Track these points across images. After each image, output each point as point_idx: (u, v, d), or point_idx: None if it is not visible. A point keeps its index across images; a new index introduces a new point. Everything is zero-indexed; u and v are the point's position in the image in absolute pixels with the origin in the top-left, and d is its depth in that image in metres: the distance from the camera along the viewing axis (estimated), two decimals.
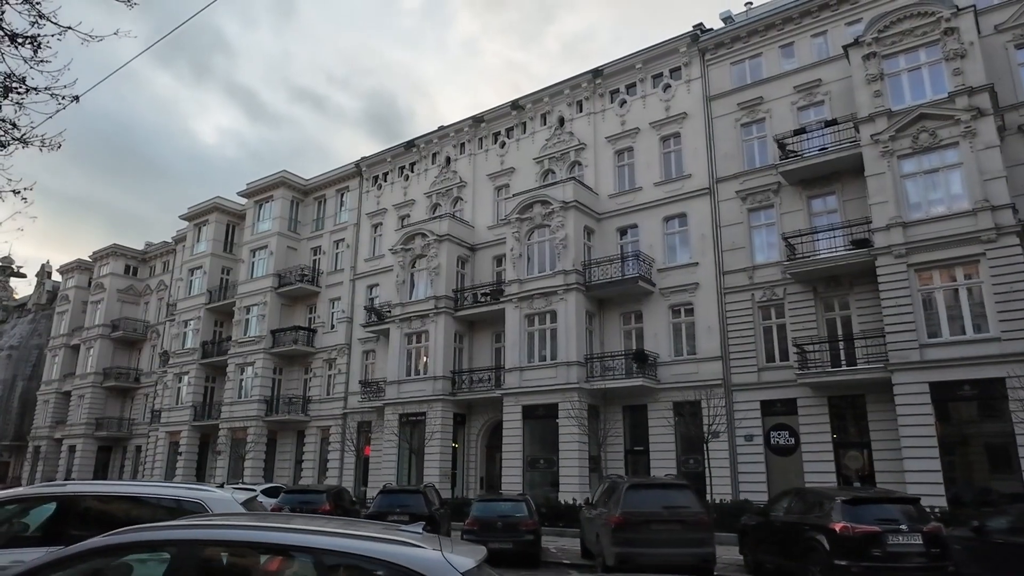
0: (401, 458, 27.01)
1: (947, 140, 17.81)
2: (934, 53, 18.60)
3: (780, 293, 21.03)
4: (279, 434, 33.63)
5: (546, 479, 23.01)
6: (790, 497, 11.20)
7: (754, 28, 23.31)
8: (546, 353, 23.76)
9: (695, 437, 21.54)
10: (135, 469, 42.30)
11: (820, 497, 9.93)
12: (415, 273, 28.68)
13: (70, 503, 5.07)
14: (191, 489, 5.41)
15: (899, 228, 17.90)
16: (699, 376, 21.79)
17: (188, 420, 35.97)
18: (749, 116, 22.95)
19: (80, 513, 5.09)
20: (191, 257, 39.59)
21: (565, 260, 23.70)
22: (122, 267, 46.66)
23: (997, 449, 16.21)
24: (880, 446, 18.36)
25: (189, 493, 5.28)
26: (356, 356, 31.98)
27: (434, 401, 25.91)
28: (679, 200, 23.75)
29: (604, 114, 26.53)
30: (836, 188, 20.70)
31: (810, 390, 19.64)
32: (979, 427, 16.69)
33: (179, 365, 37.65)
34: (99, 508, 5.18)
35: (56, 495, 5.16)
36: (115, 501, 5.30)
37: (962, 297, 17.14)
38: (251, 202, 37.48)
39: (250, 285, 35.50)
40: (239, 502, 5.19)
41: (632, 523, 10.30)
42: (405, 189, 32.67)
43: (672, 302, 23.04)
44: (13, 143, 7.02)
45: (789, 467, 19.74)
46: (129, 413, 44.57)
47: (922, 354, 17.05)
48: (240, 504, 5.15)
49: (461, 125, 30.73)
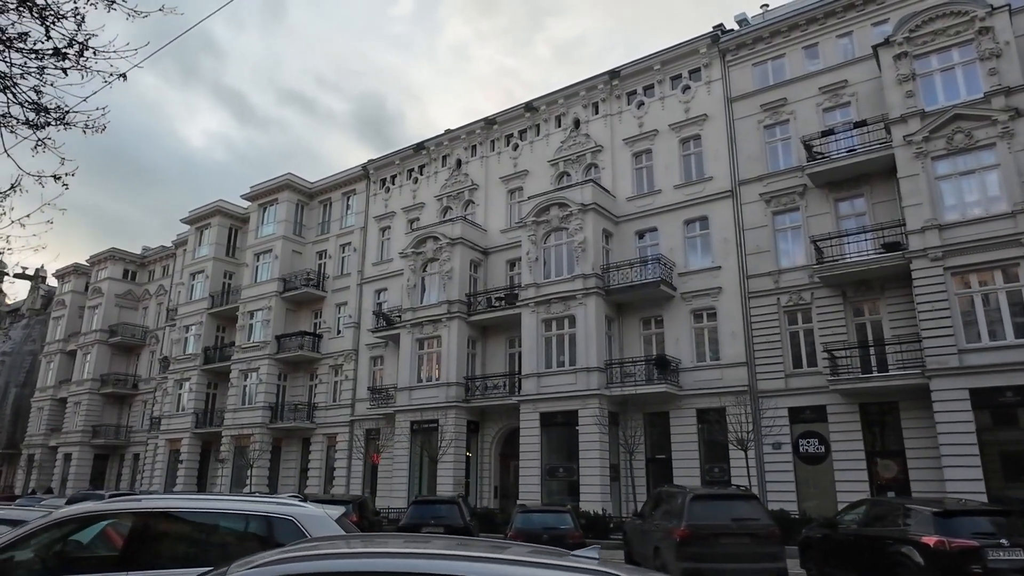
0: (413, 466, 26.34)
1: (983, 141, 17.44)
2: (968, 53, 18.25)
3: (807, 297, 20.56)
4: (284, 442, 32.88)
5: (565, 488, 22.40)
6: (864, 508, 10.65)
7: (777, 29, 22.94)
8: (564, 359, 23.20)
9: (719, 445, 21.12)
10: (133, 477, 41.37)
11: (903, 509, 9.36)
12: (426, 277, 28.10)
13: (148, 520, 4.47)
14: (281, 504, 4.82)
15: (935, 230, 17.49)
16: (723, 382, 21.30)
17: (189, 427, 35.16)
18: (772, 118, 22.55)
19: (159, 531, 4.50)
20: (192, 261, 38.84)
21: (584, 264, 23.18)
22: (120, 271, 45.79)
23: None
24: (915, 454, 17.89)
25: (279, 508, 4.68)
26: (364, 362, 31.31)
27: (447, 408, 25.28)
28: (700, 203, 23.30)
29: (621, 116, 26.08)
30: (865, 191, 20.29)
31: (840, 397, 19.16)
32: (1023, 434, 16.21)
33: (180, 371, 36.85)
34: (179, 526, 4.60)
35: (133, 511, 4.55)
36: (197, 517, 4.70)
37: (1001, 301, 16.71)
38: (255, 205, 36.81)
39: (254, 289, 34.79)
40: (333, 518, 4.62)
41: (699, 537, 9.70)
42: (414, 192, 32.11)
43: (694, 306, 22.55)
44: (53, 124, 6.42)
45: (819, 476, 19.25)
46: (127, 420, 43.62)
47: (961, 360, 16.61)
48: (335, 521, 4.58)
49: (473, 127, 30.23)
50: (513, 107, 29.09)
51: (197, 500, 4.86)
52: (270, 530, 4.49)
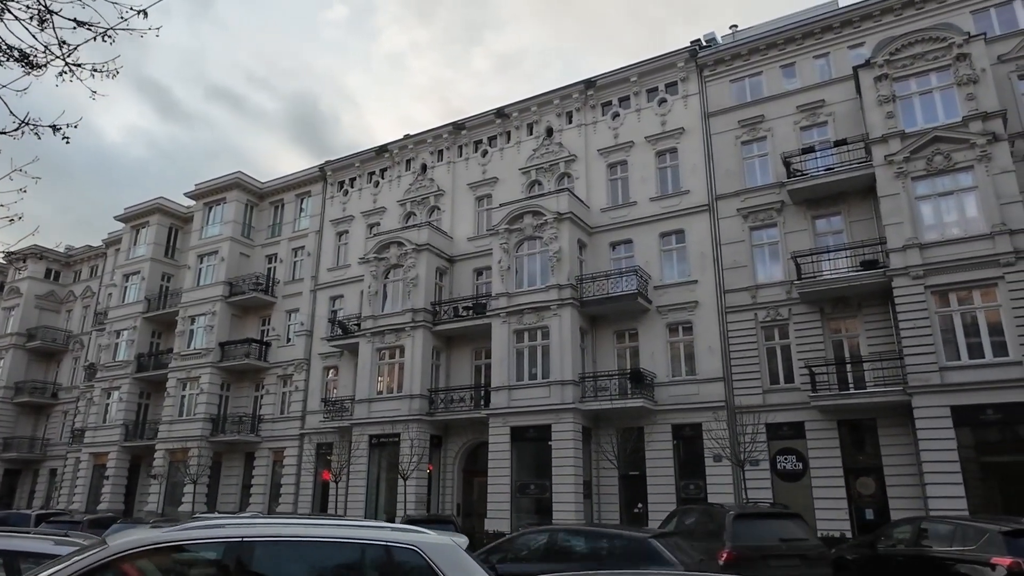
0: (371, 483, 24.92)
1: (962, 163, 17.82)
2: (946, 77, 18.70)
3: (785, 313, 20.54)
4: (225, 456, 30.74)
5: (536, 506, 21.55)
6: (911, 527, 10.25)
7: (755, 46, 23.12)
8: (537, 371, 22.44)
9: (696, 461, 20.78)
10: (48, 494, 37.99)
11: (963, 528, 8.98)
12: (389, 284, 26.88)
13: (240, 552, 3.40)
14: (402, 531, 3.82)
15: (916, 249, 17.70)
16: (700, 397, 21.01)
17: (118, 440, 32.50)
18: (750, 134, 22.63)
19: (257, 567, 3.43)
20: (127, 261, 36.22)
21: (559, 274, 22.56)
22: (42, 271, 42.31)
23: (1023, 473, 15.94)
24: (893, 471, 17.93)
25: (401, 536, 3.70)
26: (316, 372, 29.67)
27: (410, 421, 24.07)
28: (677, 216, 23.10)
29: (596, 126, 25.75)
30: (842, 208, 20.49)
31: (819, 413, 19.11)
32: (1004, 451, 16.41)
33: (109, 379, 34.10)
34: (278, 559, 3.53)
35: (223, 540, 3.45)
36: (304, 548, 3.64)
37: (980, 320, 16.99)
38: (199, 204, 34.68)
39: (196, 293, 32.63)
40: (462, 547, 3.69)
41: (746, 559, 9.04)
42: (375, 196, 30.86)
43: (670, 320, 22.23)
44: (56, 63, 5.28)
45: (797, 493, 19.04)
46: (44, 432, 40.10)
47: (942, 377, 16.76)
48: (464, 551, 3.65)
49: (440, 131, 29.33)
50: (483, 112, 28.37)
51: (302, 525, 3.77)
52: (390, 562, 3.53)
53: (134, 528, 4.46)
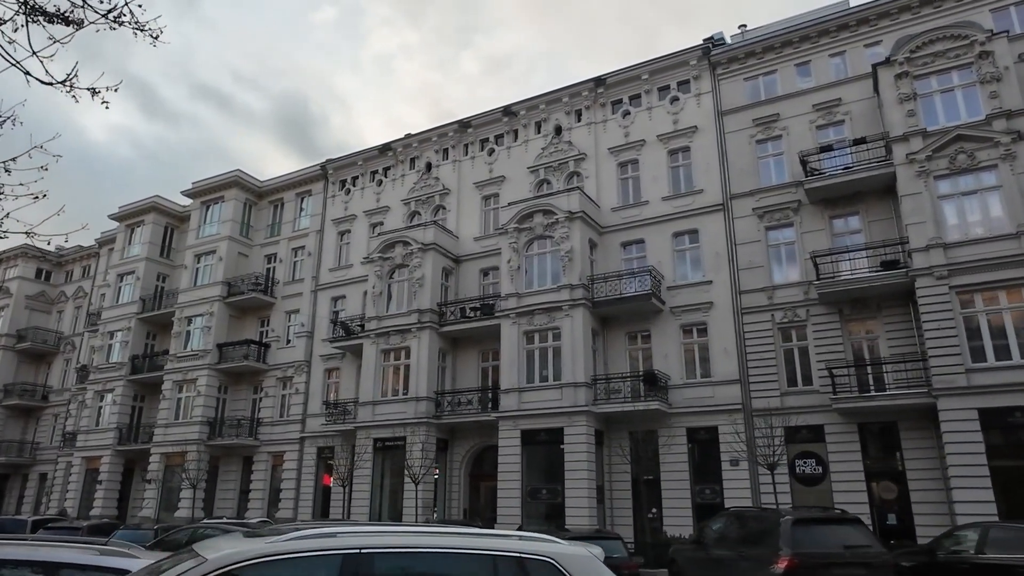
0: (375, 487, 24.32)
1: (985, 162, 17.55)
2: (968, 76, 18.45)
3: (803, 314, 20.17)
4: (222, 460, 30.01)
5: (547, 511, 21.02)
6: (977, 533, 9.82)
7: (770, 44, 22.81)
8: (548, 373, 21.97)
9: (712, 465, 20.35)
10: (38, 500, 37.02)
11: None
12: (393, 284, 26.31)
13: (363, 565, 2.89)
14: (536, 541, 3.33)
15: (939, 249, 17.38)
16: (715, 400, 20.60)
17: (111, 444, 31.69)
18: (765, 133, 22.30)
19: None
20: (121, 261, 35.43)
21: (571, 274, 22.11)
22: (33, 271, 41.37)
23: None
24: (916, 475, 17.57)
25: (535, 547, 3.21)
26: (317, 374, 29.03)
27: (417, 424, 23.50)
28: (690, 216, 22.72)
29: (606, 124, 25.36)
30: (860, 208, 20.17)
31: (839, 416, 18.73)
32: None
33: (102, 381, 33.28)
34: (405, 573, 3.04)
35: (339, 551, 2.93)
36: (430, 560, 3.14)
37: (1007, 321, 16.67)
38: (196, 203, 33.99)
39: (193, 293, 31.92)
40: (600, 558, 3.21)
41: (808, 567, 8.58)
42: (378, 195, 30.31)
43: (684, 321, 21.82)
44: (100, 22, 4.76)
45: (816, 497, 18.64)
46: (33, 436, 39.12)
47: (969, 379, 16.42)
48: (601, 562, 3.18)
49: (445, 129, 28.85)
50: (490, 110, 27.90)
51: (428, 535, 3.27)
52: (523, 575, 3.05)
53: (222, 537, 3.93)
